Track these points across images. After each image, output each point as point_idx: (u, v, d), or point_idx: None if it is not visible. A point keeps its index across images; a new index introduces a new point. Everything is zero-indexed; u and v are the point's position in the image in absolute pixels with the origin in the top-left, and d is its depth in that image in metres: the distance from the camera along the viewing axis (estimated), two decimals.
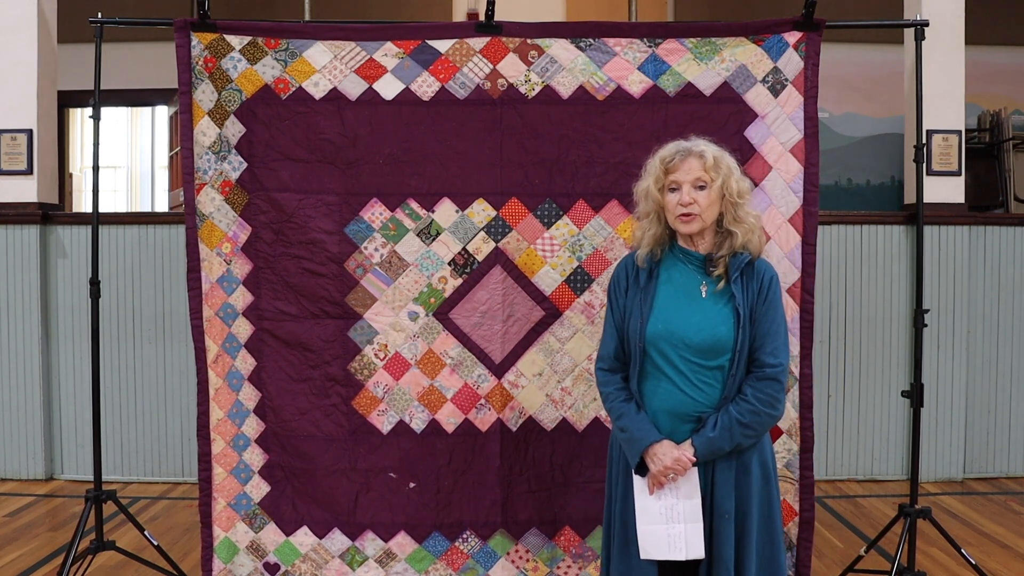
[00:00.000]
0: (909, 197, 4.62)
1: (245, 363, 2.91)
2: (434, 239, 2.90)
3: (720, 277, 2.08)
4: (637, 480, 2.08)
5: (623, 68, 2.85)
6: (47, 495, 4.26)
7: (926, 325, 3.17)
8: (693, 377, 2.04)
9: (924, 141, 3.59)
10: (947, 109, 4.44)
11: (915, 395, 3.14)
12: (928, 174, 4.37)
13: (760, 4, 5.85)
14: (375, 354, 2.91)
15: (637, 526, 2.05)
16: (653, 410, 2.08)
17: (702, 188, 2.06)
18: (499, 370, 2.92)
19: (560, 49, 2.86)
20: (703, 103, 2.85)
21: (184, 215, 2.89)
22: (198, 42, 2.84)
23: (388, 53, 2.86)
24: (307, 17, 5.26)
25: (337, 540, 2.93)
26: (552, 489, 2.92)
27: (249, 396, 2.92)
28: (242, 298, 2.90)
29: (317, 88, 2.85)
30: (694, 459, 2.01)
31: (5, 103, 4.38)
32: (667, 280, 2.12)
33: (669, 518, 2.02)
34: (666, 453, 2.02)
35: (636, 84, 2.85)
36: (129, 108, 8.74)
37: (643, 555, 2.04)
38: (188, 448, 4.41)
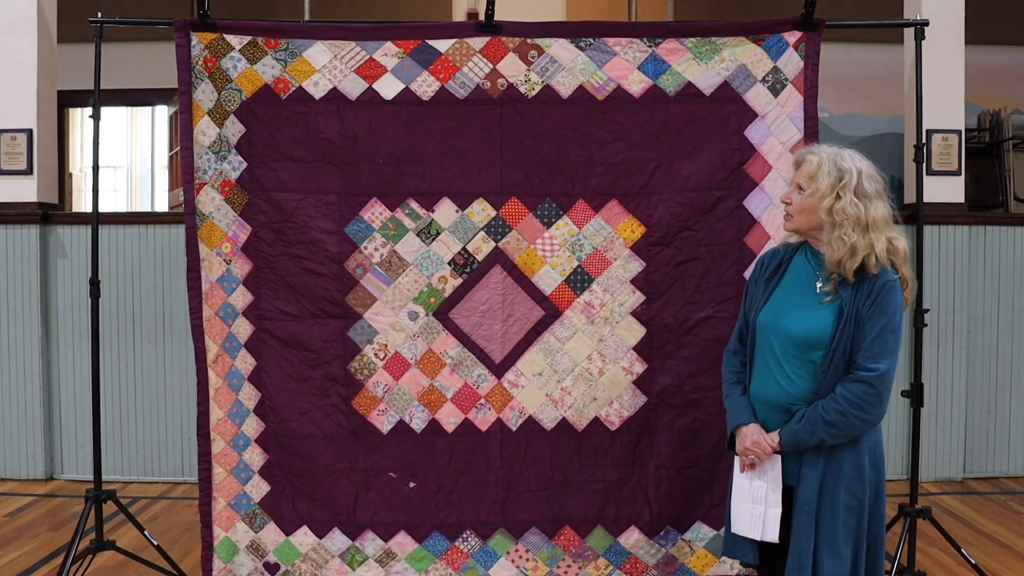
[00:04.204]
0: (909, 197, 4.62)
1: (245, 363, 2.91)
2: (434, 239, 2.90)
3: (831, 277, 2.12)
4: (737, 458, 2.24)
5: (623, 68, 2.85)
6: (47, 495, 4.25)
7: (926, 325, 3.17)
8: (788, 368, 2.14)
9: (924, 141, 3.58)
10: (947, 109, 4.44)
11: (915, 395, 3.14)
12: (928, 174, 4.36)
13: (760, 4, 5.85)
14: (375, 354, 2.91)
15: (731, 501, 2.25)
16: (753, 396, 2.23)
17: (803, 191, 2.15)
18: (499, 370, 2.92)
19: (560, 49, 2.86)
20: (703, 103, 2.85)
21: (184, 215, 2.90)
22: (198, 42, 2.84)
23: (388, 53, 2.86)
24: (307, 17, 5.25)
25: (337, 540, 2.93)
26: (552, 489, 2.92)
27: (249, 396, 2.92)
28: (242, 298, 2.90)
29: (317, 88, 2.85)
30: (777, 447, 2.13)
31: (5, 103, 4.38)
32: (790, 273, 2.23)
33: (754, 499, 2.18)
34: (747, 435, 2.18)
35: (636, 84, 2.85)
36: (129, 108, 8.73)
37: (733, 528, 2.23)
38: (188, 448, 4.41)
